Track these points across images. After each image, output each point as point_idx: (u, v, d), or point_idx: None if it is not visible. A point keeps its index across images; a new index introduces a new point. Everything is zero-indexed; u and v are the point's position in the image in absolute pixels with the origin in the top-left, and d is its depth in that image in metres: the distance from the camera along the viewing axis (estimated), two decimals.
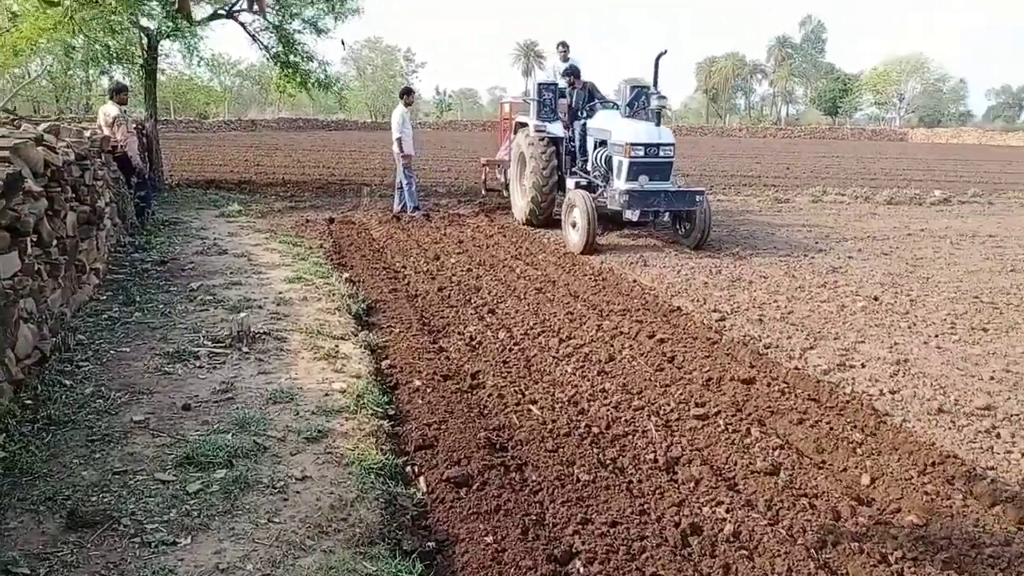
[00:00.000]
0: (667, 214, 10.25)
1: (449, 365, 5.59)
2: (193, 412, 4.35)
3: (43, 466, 3.65)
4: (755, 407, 4.91)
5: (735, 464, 4.11)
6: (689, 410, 4.79)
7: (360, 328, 6.31)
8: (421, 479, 3.83)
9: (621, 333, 6.42)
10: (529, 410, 4.74)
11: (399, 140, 12.88)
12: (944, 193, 17.23)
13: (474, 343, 6.14)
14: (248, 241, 10.00)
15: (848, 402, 4.95)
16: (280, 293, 7.18)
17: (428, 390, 4.96)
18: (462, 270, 8.84)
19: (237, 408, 4.41)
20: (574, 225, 10.13)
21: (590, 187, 10.89)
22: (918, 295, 7.92)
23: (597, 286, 8.13)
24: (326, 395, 4.69)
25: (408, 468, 3.94)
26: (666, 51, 10.02)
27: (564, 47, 12.77)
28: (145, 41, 14.88)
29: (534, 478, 3.88)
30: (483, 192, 14.61)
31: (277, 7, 15.01)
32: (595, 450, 4.23)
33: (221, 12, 15.32)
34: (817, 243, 11.13)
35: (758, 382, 5.31)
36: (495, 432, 4.44)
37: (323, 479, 3.67)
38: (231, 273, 7.96)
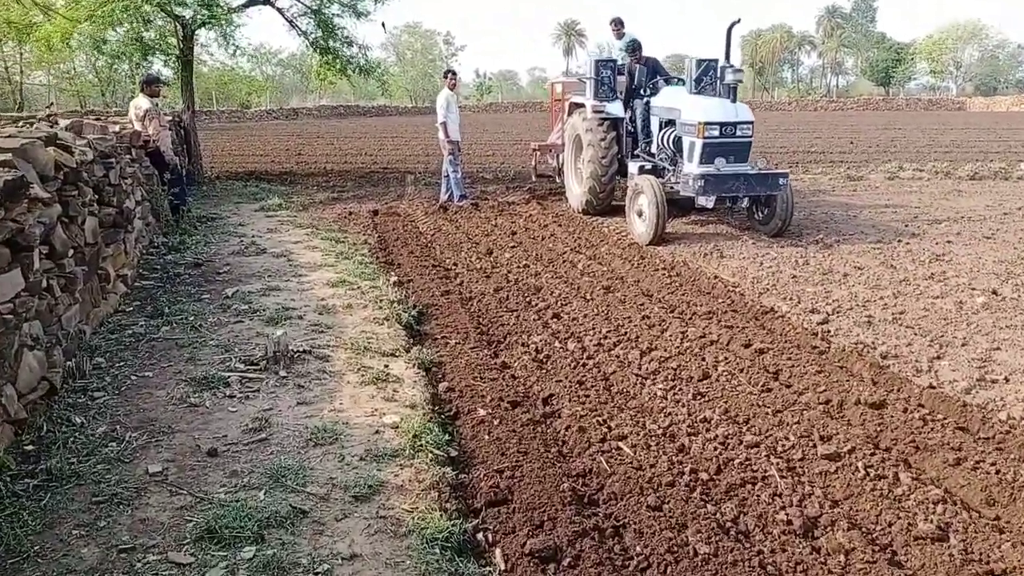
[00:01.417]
0: (745, 200, 9.28)
1: (515, 387, 4.80)
2: (220, 459, 3.63)
3: (35, 540, 2.97)
4: (894, 440, 4.04)
5: (890, 526, 3.25)
6: (815, 447, 3.93)
7: (412, 341, 5.56)
8: (497, 551, 3.06)
9: (711, 342, 5.56)
10: (619, 449, 3.93)
11: (444, 125, 12.08)
12: None
13: (541, 357, 5.35)
14: (288, 238, 9.33)
15: (1008, 433, 4.04)
16: (322, 300, 6.47)
17: (494, 422, 4.19)
18: (518, 266, 8.04)
19: (272, 453, 3.69)
20: (640, 214, 9.24)
21: (655, 171, 9.97)
22: None
23: (672, 283, 7.26)
24: (376, 432, 3.94)
25: (479, 535, 3.17)
26: (739, 20, 9.04)
27: (618, 24, 11.76)
28: (180, 31, 14.32)
29: (638, 549, 3.08)
30: (533, 178, 13.75)
31: None
32: (709, 506, 3.40)
33: None
34: (907, 226, 10.07)
35: (889, 406, 4.42)
36: (581, 480, 3.64)
37: (376, 557, 2.91)
38: (269, 276, 7.28)
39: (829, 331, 5.83)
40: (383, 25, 15.52)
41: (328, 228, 10.30)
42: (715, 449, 3.91)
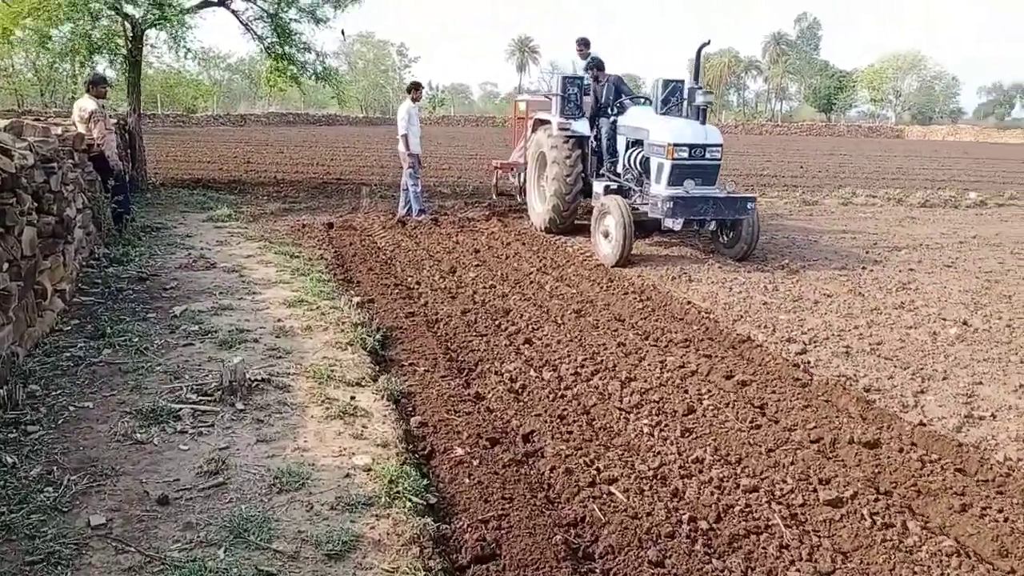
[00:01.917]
0: (712, 223, 9.15)
1: (493, 421, 4.50)
2: (172, 508, 3.24)
3: None
4: (893, 483, 3.86)
5: None
6: (815, 491, 3.72)
7: (378, 368, 5.21)
8: None
9: (692, 373, 5.34)
10: (610, 494, 3.66)
11: (405, 137, 11.74)
12: (980, 195, 16.26)
13: (516, 387, 5.05)
14: (239, 252, 8.86)
15: (1008, 476, 3.89)
16: (279, 321, 6.07)
17: (474, 462, 3.88)
18: (484, 286, 7.75)
19: (231, 501, 3.31)
20: (606, 235, 9.03)
21: (621, 191, 9.80)
22: (1011, 319, 6.88)
23: (644, 307, 7.05)
24: (347, 476, 3.59)
25: None
26: (709, 41, 8.97)
27: (583, 44, 11.57)
28: (129, 30, 13.70)
29: None
30: (494, 196, 13.37)
31: None
32: (714, 560, 3.15)
33: (212, 0, 14.15)
34: (868, 253, 10.08)
35: (883, 445, 4.25)
36: (573, 530, 3.36)
37: None
38: (220, 294, 6.83)
39: (809, 362, 5.68)
40: (343, 33, 15.19)
41: (281, 241, 9.86)
42: (712, 494, 3.67)
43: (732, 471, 3.92)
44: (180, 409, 4.19)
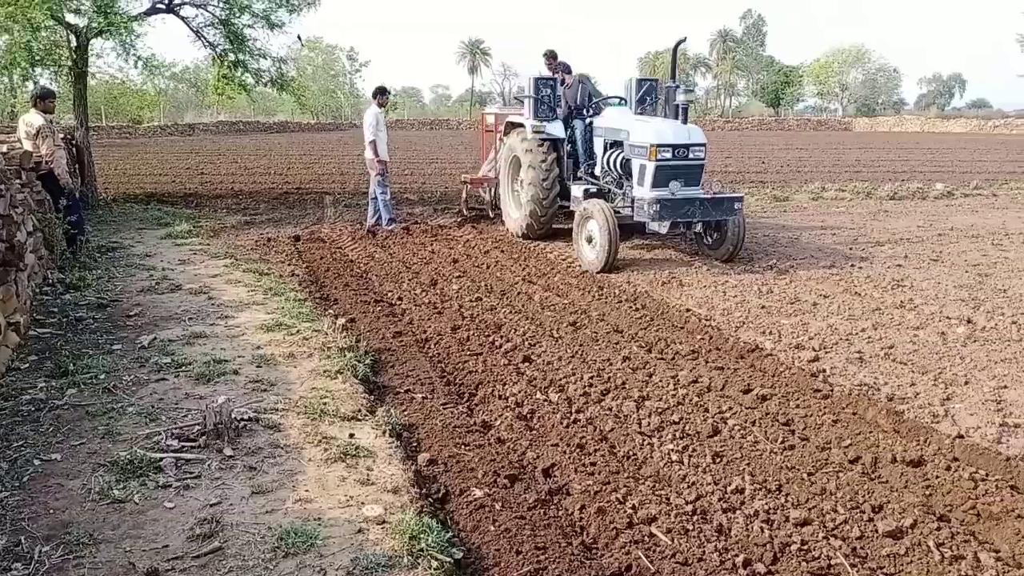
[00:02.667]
0: (699, 225, 8.88)
1: (506, 455, 4.13)
2: None
3: None
4: (948, 506, 3.58)
5: None
6: (871, 520, 3.42)
7: (373, 399, 4.80)
8: None
9: (707, 388, 5.04)
10: (652, 535, 3.31)
11: (373, 143, 11.28)
12: (946, 186, 16.33)
13: (524, 413, 4.69)
14: (204, 271, 8.34)
15: None
16: (258, 348, 5.61)
17: (496, 505, 3.50)
18: (470, 299, 7.36)
19: (231, 571, 2.88)
20: (590, 240, 8.71)
21: (600, 195, 9.49)
22: (1013, 315, 6.72)
23: (641, 317, 6.74)
24: (359, 531, 3.19)
25: None
26: (685, 38, 8.75)
27: (551, 57, 11.01)
28: (73, 40, 13.00)
29: None
30: (464, 212, 12.62)
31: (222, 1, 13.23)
32: None
33: (160, 6, 13.49)
34: (851, 249, 9.93)
35: (928, 463, 3.98)
36: None
37: None
38: (190, 319, 6.34)
39: (825, 370, 5.41)
40: (299, 38, 14.62)
41: (248, 257, 9.34)
42: (761, 530, 3.35)
43: (776, 501, 3.60)
44: (161, 458, 3.74)
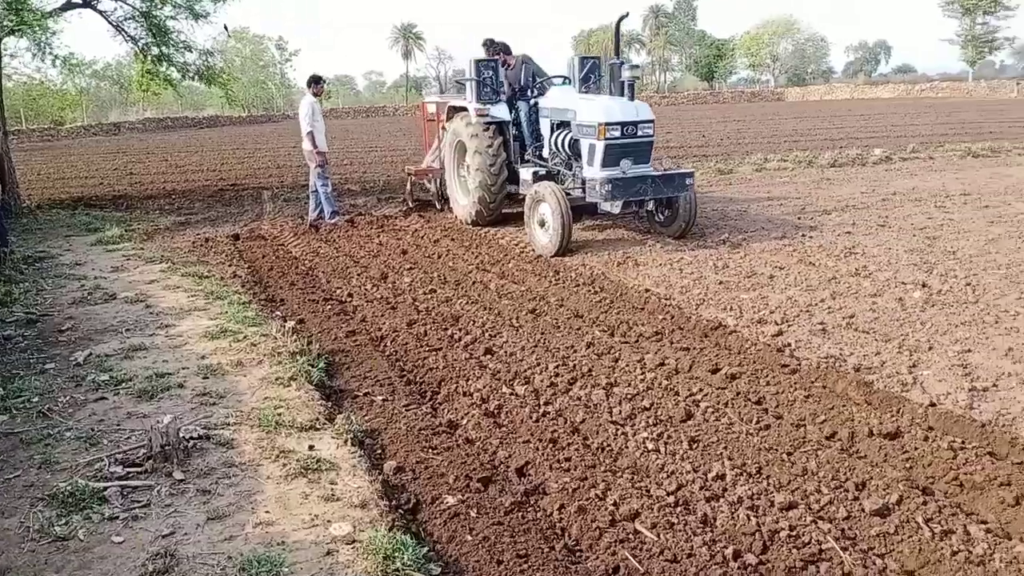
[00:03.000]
0: (651, 203, 8.76)
1: (477, 455, 3.94)
2: None
3: None
4: (930, 478, 3.53)
5: None
6: (856, 499, 3.34)
7: (331, 404, 4.56)
8: None
9: (675, 370, 4.92)
10: (637, 532, 3.17)
11: (310, 135, 10.89)
12: (884, 151, 16.60)
13: (491, 408, 4.50)
14: (140, 277, 7.92)
15: None
16: (203, 358, 5.30)
17: (471, 512, 3.32)
18: (423, 292, 7.13)
19: None
20: (543, 224, 8.52)
21: (550, 176, 9.31)
22: (966, 277, 6.78)
23: (600, 300, 6.60)
24: (328, 554, 2.97)
25: None
26: (627, 14, 8.61)
27: (489, 44, 10.55)
28: None
29: None
30: (409, 204, 12.24)
31: None
32: None
33: (76, 1, 12.80)
34: (800, 219, 9.97)
35: (904, 434, 3.93)
36: None
37: None
38: (128, 331, 5.98)
39: (789, 344, 5.35)
40: (225, 28, 14.05)
41: (185, 260, 8.93)
42: (747, 518, 3.23)
43: (759, 486, 3.49)
44: (105, 488, 3.45)
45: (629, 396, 4.54)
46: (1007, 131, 22.85)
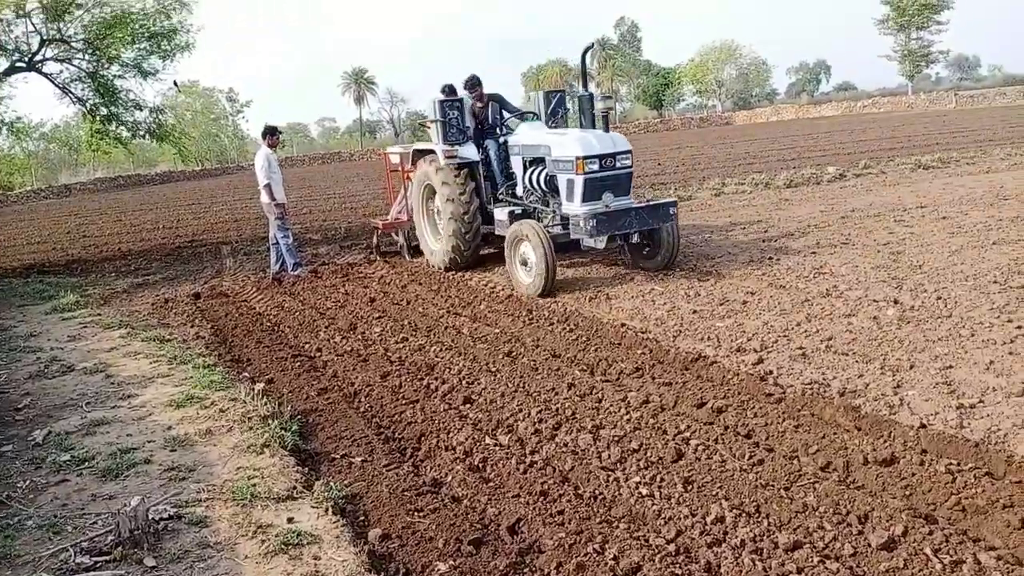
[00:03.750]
0: (635, 236, 8.47)
1: (466, 515, 3.77)
2: None
3: None
4: (932, 504, 3.46)
5: None
6: (860, 533, 3.24)
7: (308, 470, 4.36)
8: None
9: (661, 408, 4.82)
10: None
11: (268, 187, 10.72)
12: (837, 169, 16.89)
13: (476, 462, 4.35)
14: (99, 345, 7.64)
15: None
16: (169, 428, 5.07)
17: None
18: (395, 341, 6.98)
19: None
20: (525, 263, 8.33)
21: (526, 215, 9.10)
22: (936, 290, 6.81)
23: (577, 338, 6.50)
24: None
25: None
26: (593, 44, 8.57)
27: (472, 83, 10.04)
28: None
29: None
30: (375, 257, 12.02)
31: (89, 50, 12.39)
32: None
33: (20, 64, 12.55)
34: (764, 241, 10.02)
35: (899, 460, 3.85)
36: None
37: None
38: (88, 404, 5.72)
39: (772, 372, 5.28)
40: (175, 84, 13.87)
41: (145, 324, 8.66)
42: (752, 563, 3.11)
43: (760, 527, 3.38)
44: None
45: (617, 438, 4.42)
46: (952, 141, 23.48)
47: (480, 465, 4.30)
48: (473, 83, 9.83)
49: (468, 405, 5.24)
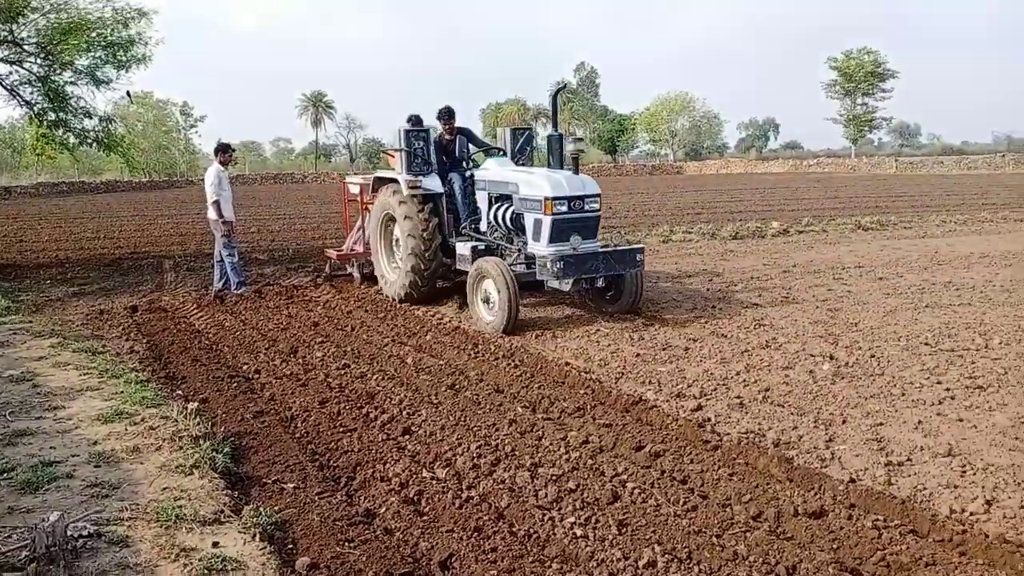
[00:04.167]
0: (601, 280, 8.37)
1: (398, 548, 3.72)
2: None
3: None
4: (858, 559, 3.53)
5: None
6: None
7: (237, 494, 4.26)
8: None
9: (600, 449, 4.84)
10: None
11: (216, 204, 10.56)
12: (781, 224, 17.37)
13: (411, 495, 4.29)
14: (27, 353, 7.37)
15: (963, 533, 3.67)
16: (95, 443, 4.89)
17: None
18: (336, 367, 6.89)
19: None
20: (487, 301, 8.23)
21: (489, 252, 8.96)
22: (870, 348, 7.01)
23: (521, 374, 6.50)
24: None
25: None
26: (565, 85, 8.68)
27: (445, 114, 9.94)
28: None
29: None
30: (321, 280, 11.87)
31: (41, 54, 12.11)
32: None
33: None
34: (709, 291, 10.22)
35: (828, 513, 3.93)
36: None
37: None
38: (11, 414, 5.49)
39: (709, 419, 5.35)
40: (128, 95, 13.61)
41: (78, 334, 8.40)
42: None
43: (691, 573, 3.41)
44: None
45: (555, 477, 4.42)
46: (891, 205, 24.40)
47: (415, 498, 4.25)
48: (447, 114, 9.74)
49: (407, 436, 5.18)
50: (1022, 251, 13.01)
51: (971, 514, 3.89)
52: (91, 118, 13.09)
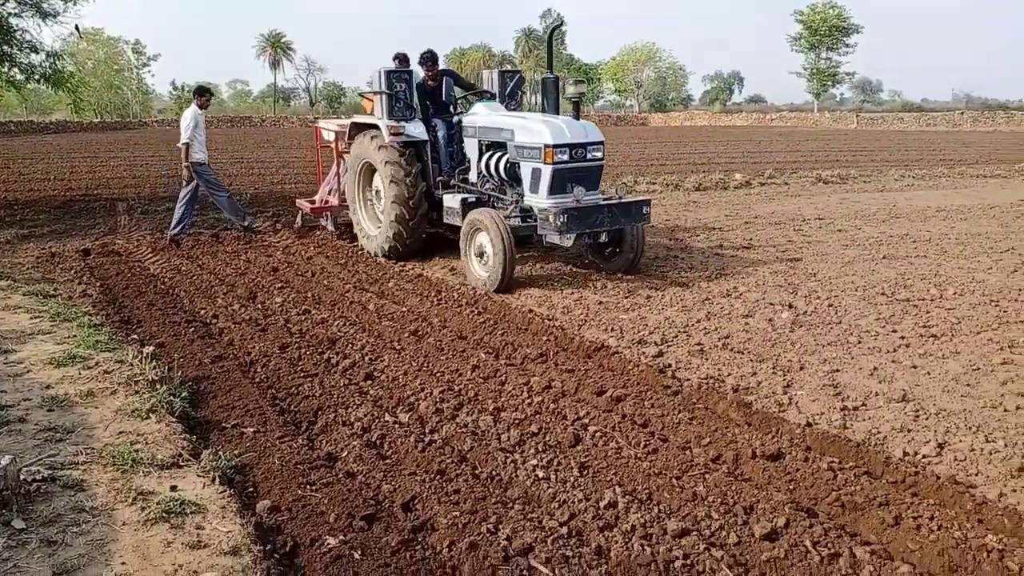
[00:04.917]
0: (604, 235, 7.87)
1: (360, 491, 3.70)
2: None
3: None
4: (813, 499, 3.60)
5: None
6: (745, 523, 3.35)
7: (196, 438, 4.20)
8: None
9: (562, 393, 4.86)
10: (532, 569, 3.05)
11: (187, 146, 10.22)
12: (744, 176, 17.46)
13: (374, 439, 4.28)
14: None
15: (916, 475, 3.77)
16: (48, 388, 4.78)
17: (355, 554, 3.10)
18: (297, 313, 6.80)
19: None
20: (481, 256, 7.75)
21: (481, 204, 8.47)
22: (828, 298, 7.12)
23: (484, 320, 6.48)
24: None
25: None
26: (562, 20, 8.35)
27: (427, 58, 9.21)
28: None
29: None
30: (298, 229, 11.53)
31: None
32: None
33: None
34: (671, 240, 10.27)
35: (785, 455, 4.01)
36: None
37: None
38: None
39: (670, 365, 5.41)
40: (76, 28, 13.04)
41: (28, 277, 8.17)
42: (642, 548, 3.17)
43: (651, 513, 3.45)
44: None
45: (517, 421, 4.43)
46: (851, 159, 24.65)
47: (378, 442, 4.24)
48: (430, 58, 9.10)
49: (369, 382, 5.15)
50: (977, 206, 13.26)
51: (923, 457, 3.99)
52: (38, 53, 12.55)
